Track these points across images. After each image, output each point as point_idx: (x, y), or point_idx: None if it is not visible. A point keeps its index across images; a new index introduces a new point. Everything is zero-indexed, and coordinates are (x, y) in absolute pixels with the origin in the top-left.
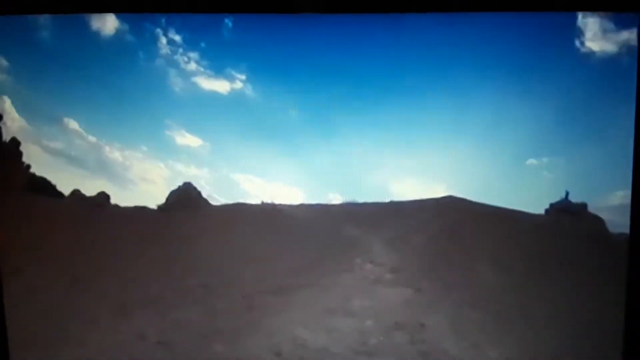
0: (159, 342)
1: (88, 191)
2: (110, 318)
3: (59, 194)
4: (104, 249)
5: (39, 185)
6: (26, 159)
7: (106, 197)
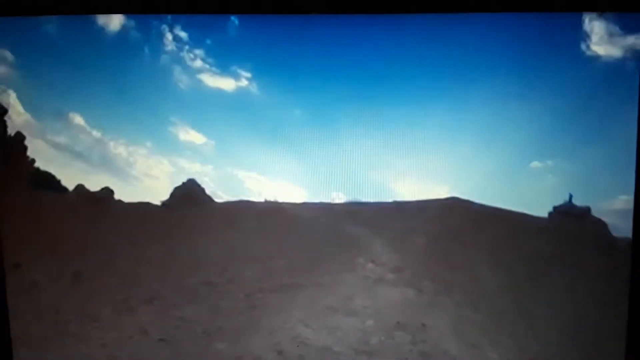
0: (161, 340)
1: (92, 186)
2: (112, 314)
3: (63, 189)
4: (107, 245)
5: (43, 179)
6: (31, 154)
7: (110, 193)
